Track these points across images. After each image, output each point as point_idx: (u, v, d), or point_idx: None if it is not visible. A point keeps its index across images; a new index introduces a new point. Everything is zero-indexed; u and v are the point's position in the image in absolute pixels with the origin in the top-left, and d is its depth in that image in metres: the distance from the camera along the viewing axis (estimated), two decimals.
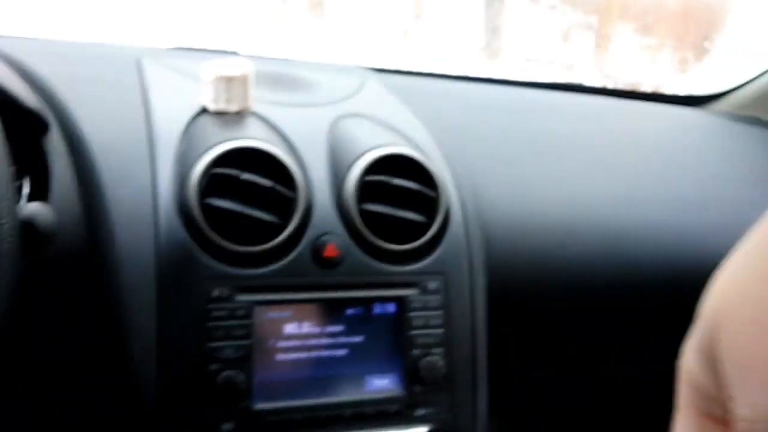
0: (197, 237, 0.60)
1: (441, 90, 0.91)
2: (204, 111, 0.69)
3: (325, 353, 0.63)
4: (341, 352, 0.63)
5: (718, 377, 0.28)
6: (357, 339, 0.64)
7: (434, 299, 0.66)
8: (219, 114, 0.68)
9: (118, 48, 0.79)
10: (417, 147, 0.71)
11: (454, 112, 0.85)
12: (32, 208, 0.49)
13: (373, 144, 0.69)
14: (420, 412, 0.64)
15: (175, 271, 0.59)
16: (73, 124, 0.64)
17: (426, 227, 0.67)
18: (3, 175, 0.38)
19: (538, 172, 0.81)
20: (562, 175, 0.82)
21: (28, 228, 0.46)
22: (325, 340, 0.63)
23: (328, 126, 0.72)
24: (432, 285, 0.66)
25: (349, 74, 0.85)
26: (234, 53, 0.86)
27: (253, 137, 0.65)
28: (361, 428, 0.62)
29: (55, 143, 0.61)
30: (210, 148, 0.63)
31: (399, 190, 0.66)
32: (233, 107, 0.69)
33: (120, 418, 0.58)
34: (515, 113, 0.90)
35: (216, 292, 0.59)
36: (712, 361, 0.28)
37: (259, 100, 0.71)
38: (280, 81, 0.78)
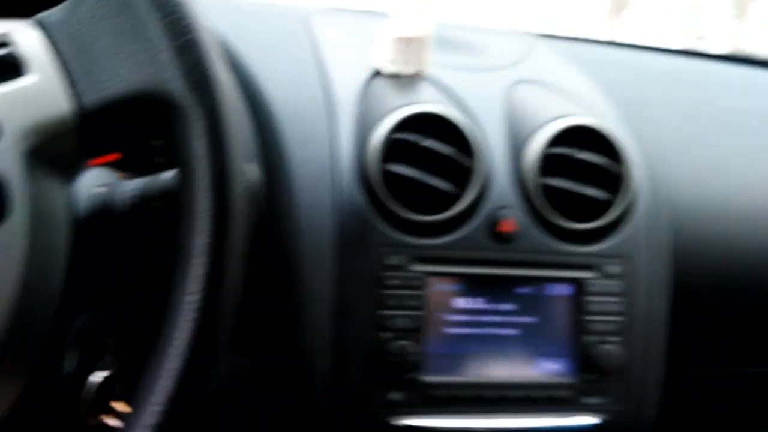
0: (375, 203, 0.58)
1: (612, 58, 0.84)
2: (378, 72, 0.67)
3: (494, 331, 0.60)
4: (511, 332, 0.61)
5: None
6: (528, 319, 0.61)
7: (614, 284, 0.62)
8: (394, 76, 0.66)
9: (286, 7, 0.78)
10: (600, 118, 0.66)
11: (630, 82, 0.79)
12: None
13: (554, 113, 0.64)
14: (591, 401, 0.61)
15: (353, 238, 0.57)
16: (253, 81, 0.63)
17: (609, 206, 0.62)
18: (245, 132, 0.37)
19: (727, 151, 0.74)
20: (751, 155, 0.75)
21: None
22: (495, 318, 0.61)
23: (504, 92, 0.68)
24: (612, 269, 0.62)
25: (515, 39, 0.81)
26: (385, 15, 0.83)
27: (431, 102, 0.62)
28: (528, 412, 0.60)
29: None
30: (389, 112, 0.60)
31: (581, 165, 0.62)
32: (409, 69, 0.66)
33: (293, 381, 0.58)
34: (697, 86, 0.82)
35: (391, 260, 0.58)
36: None
37: (431, 63, 0.68)
38: (448, 43, 0.75)
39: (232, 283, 0.34)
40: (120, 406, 0.45)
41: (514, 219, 0.61)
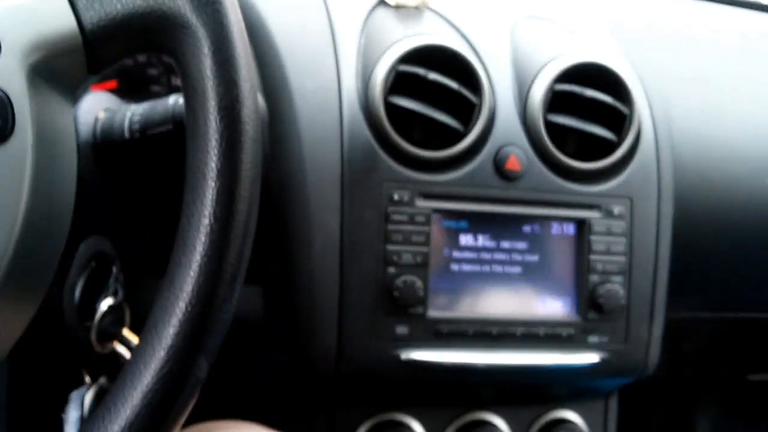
0: (380, 137, 0.57)
1: None
2: (381, 3, 0.65)
3: (498, 268, 0.60)
4: (515, 270, 0.61)
5: None
6: (532, 258, 0.61)
7: (618, 224, 0.62)
8: (398, 7, 0.64)
9: None
10: (606, 57, 0.64)
11: (635, 22, 0.77)
12: None
13: (561, 50, 0.63)
14: (593, 339, 0.61)
15: (358, 172, 0.56)
16: (254, 12, 0.61)
17: (615, 145, 0.61)
18: (250, 59, 0.35)
19: (732, 96, 0.74)
20: (757, 102, 0.74)
21: None
22: (499, 255, 0.60)
23: (510, 27, 0.66)
24: (617, 209, 0.62)
25: None
26: None
27: (436, 35, 0.60)
28: (532, 349, 0.60)
29: None
30: (393, 44, 0.59)
31: (587, 103, 0.61)
32: (412, 1, 0.64)
33: (300, 313, 0.57)
34: (702, 29, 0.81)
35: (397, 196, 0.57)
36: None
37: None
38: None
39: (247, 206, 0.33)
40: (130, 335, 0.44)
41: (519, 156, 0.60)
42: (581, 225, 0.61)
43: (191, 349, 0.31)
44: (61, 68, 0.36)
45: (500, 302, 0.60)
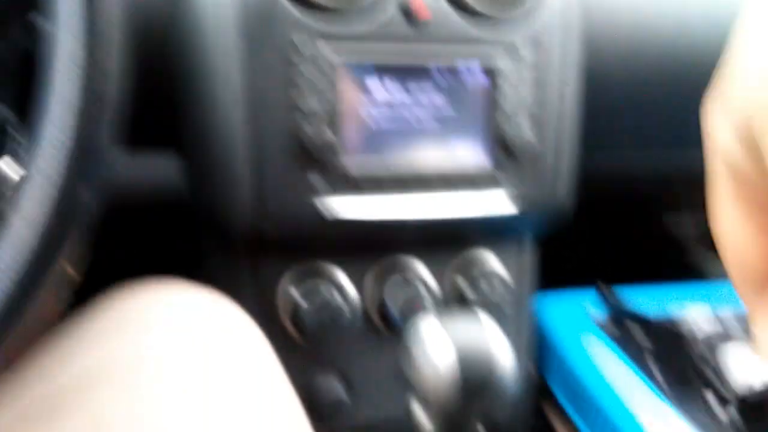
0: None
1: None
2: None
3: (409, 116, 0.61)
4: (426, 116, 0.61)
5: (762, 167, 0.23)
6: (443, 104, 0.61)
7: (527, 69, 0.62)
8: None
9: None
10: None
11: None
12: None
13: None
14: (506, 183, 0.63)
15: (261, 19, 0.55)
16: None
17: None
18: None
19: None
20: None
21: None
22: (410, 103, 0.61)
23: None
24: (525, 54, 0.62)
25: None
26: None
27: None
28: (445, 190, 0.61)
29: None
30: None
31: None
32: None
33: (215, 171, 0.57)
34: None
35: (301, 45, 0.56)
36: (754, 148, 0.23)
37: None
38: None
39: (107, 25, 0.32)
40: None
41: (427, 1, 0.59)
42: (491, 70, 0.62)
43: (69, 175, 0.31)
44: None
45: (413, 149, 0.61)
